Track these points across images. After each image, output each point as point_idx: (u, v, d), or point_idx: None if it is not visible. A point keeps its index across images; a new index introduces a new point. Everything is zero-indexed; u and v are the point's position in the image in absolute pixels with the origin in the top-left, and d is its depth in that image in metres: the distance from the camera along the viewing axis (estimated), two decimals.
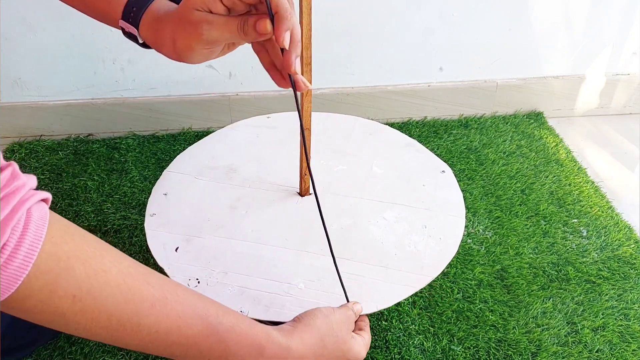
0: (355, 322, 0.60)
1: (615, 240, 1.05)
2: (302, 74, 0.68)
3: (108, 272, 0.39)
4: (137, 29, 0.53)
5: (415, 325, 0.89)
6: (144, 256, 0.99)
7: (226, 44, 0.52)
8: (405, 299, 0.89)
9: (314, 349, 0.51)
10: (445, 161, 0.94)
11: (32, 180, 0.37)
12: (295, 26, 0.47)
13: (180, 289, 0.43)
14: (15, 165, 0.36)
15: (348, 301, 0.65)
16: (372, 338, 0.86)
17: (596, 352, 0.86)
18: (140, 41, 0.55)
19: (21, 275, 0.34)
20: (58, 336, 0.86)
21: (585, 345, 0.87)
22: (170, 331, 0.41)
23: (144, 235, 0.76)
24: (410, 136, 0.95)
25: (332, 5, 1.19)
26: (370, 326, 0.88)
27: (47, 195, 0.38)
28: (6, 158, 0.76)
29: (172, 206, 0.79)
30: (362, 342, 0.56)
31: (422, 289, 0.76)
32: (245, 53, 1.24)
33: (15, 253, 0.34)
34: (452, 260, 0.74)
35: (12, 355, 0.81)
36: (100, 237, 0.84)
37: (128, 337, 0.40)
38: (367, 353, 0.84)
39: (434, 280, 0.71)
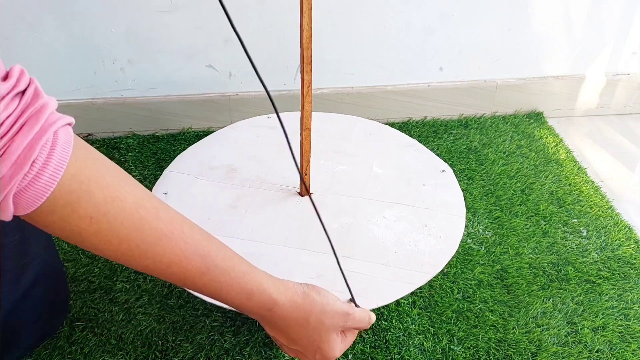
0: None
1: (615, 240, 1.05)
2: (303, 74, 0.68)
3: (124, 201, 0.41)
4: None
5: (415, 325, 0.89)
6: None
7: None
8: (405, 299, 0.89)
9: (297, 317, 0.52)
10: (445, 161, 0.94)
11: (53, 101, 0.39)
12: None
13: (186, 226, 0.46)
14: (36, 82, 0.38)
15: (352, 297, 0.65)
16: (372, 338, 0.86)
17: (596, 352, 0.86)
18: None
19: (47, 192, 0.37)
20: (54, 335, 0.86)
21: (585, 345, 0.87)
22: (172, 263, 0.44)
23: None
24: (410, 136, 0.96)
25: (333, 5, 1.19)
26: (370, 327, 0.88)
27: (71, 119, 0.41)
28: None
29: (173, 205, 0.79)
30: (341, 344, 0.56)
31: (422, 289, 0.76)
32: (245, 53, 1.24)
33: (43, 170, 0.36)
34: (452, 260, 0.74)
35: (12, 354, 0.81)
36: None
37: (134, 260, 0.43)
38: (367, 353, 0.84)
39: (434, 280, 0.71)
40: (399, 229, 0.76)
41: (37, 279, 0.79)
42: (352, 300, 0.65)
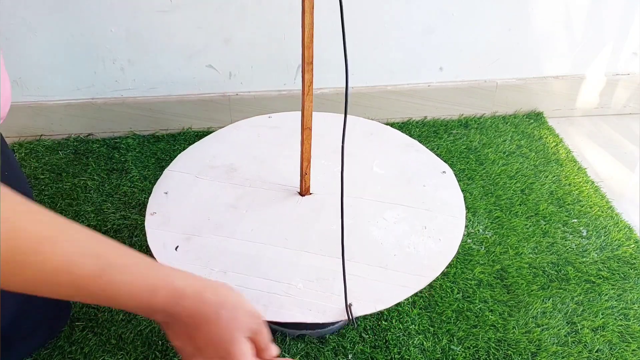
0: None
1: (615, 240, 1.05)
2: (304, 73, 0.68)
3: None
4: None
5: (415, 325, 0.89)
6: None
7: None
8: (404, 299, 0.89)
9: (207, 313, 0.45)
10: (445, 161, 0.94)
11: None
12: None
13: (73, 229, 0.40)
14: None
15: (346, 300, 0.65)
16: (372, 338, 0.86)
17: (596, 352, 0.86)
18: None
19: None
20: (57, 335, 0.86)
21: (585, 345, 0.87)
22: (58, 271, 0.38)
23: (144, 235, 0.76)
24: (410, 136, 0.95)
25: (333, 5, 1.19)
26: (369, 326, 0.88)
27: None
28: None
29: (173, 205, 0.79)
30: (251, 356, 0.47)
31: (421, 289, 0.76)
32: (245, 53, 1.24)
33: None
34: (452, 260, 0.74)
35: (14, 351, 0.81)
36: None
37: (12, 276, 0.37)
38: (367, 353, 0.84)
39: (433, 280, 0.71)
40: (399, 231, 0.76)
41: None
42: (348, 307, 0.65)
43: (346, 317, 0.65)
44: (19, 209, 0.37)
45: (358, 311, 0.65)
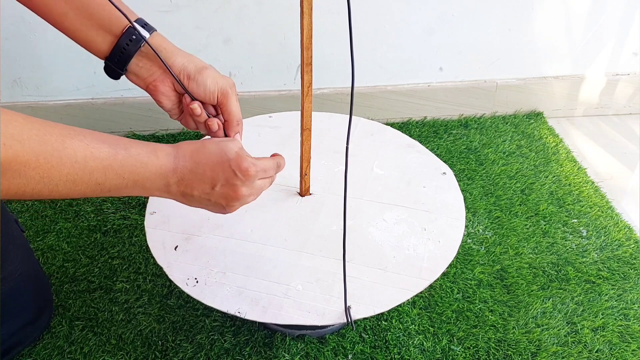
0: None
1: (615, 240, 1.05)
2: (303, 74, 0.68)
3: (18, 122, 0.43)
4: (146, 39, 0.61)
5: (415, 325, 0.89)
6: (144, 255, 0.99)
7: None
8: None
9: (200, 146, 0.56)
10: (445, 161, 0.94)
11: None
12: (240, 125, 0.65)
13: (76, 128, 0.48)
14: None
15: (346, 302, 0.65)
16: (371, 338, 0.86)
17: (596, 352, 0.86)
18: (140, 45, 0.61)
19: None
20: (40, 337, 0.86)
21: (585, 345, 0.87)
22: (86, 157, 0.47)
23: (144, 235, 0.76)
24: (410, 136, 0.95)
25: (333, 5, 1.19)
26: (369, 326, 0.88)
27: None
28: None
29: (173, 204, 0.79)
30: (251, 160, 0.58)
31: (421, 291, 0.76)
32: (245, 53, 1.24)
33: None
34: (452, 261, 0.73)
35: None
36: (100, 237, 0.85)
37: (56, 173, 0.45)
38: (367, 353, 0.84)
39: (433, 281, 0.71)
40: (399, 233, 0.76)
41: (11, 294, 0.79)
42: (347, 310, 0.65)
43: (345, 320, 0.65)
44: (31, 119, 0.44)
45: (357, 314, 0.65)
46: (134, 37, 0.60)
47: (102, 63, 0.65)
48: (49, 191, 0.46)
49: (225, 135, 0.64)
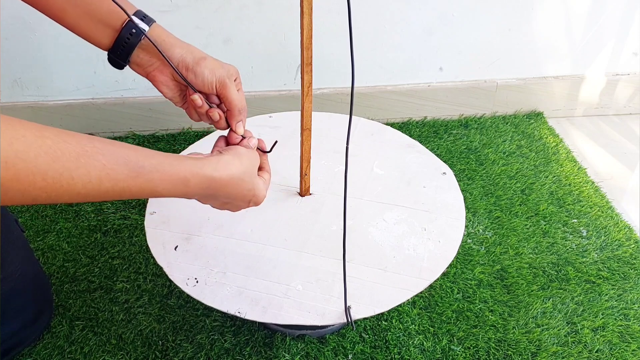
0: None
1: (615, 240, 1.05)
2: (303, 74, 0.68)
3: (26, 137, 0.40)
4: (146, 31, 0.61)
5: (415, 325, 0.89)
6: (144, 255, 0.99)
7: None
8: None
9: (234, 179, 0.56)
10: (445, 161, 0.94)
11: None
12: (243, 114, 0.64)
13: (97, 141, 0.45)
14: None
15: (346, 302, 0.65)
16: (372, 338, 0.86)
17: (596, 352, 0.86)
18: (140, 39, 0.61)
19: None
20: (40, 337, 0.86)
21: (585, 345, 0.87)
22: (101, 179, 0.44)
23: (144, 235, 0.76)
24: (410, 136, 0.95)
25: (333, 5, 1.19)
26: (369, 326, 0.88)
27: None
28: None
29: (173, 204, 0.79)
30: (264, 183, 0.62)
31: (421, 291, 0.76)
32: (245, 53, 1.24)
33: None
34: (452, 261, 0.73)
35: None
36: (100, 237, 0.85)
37: (66, 194, 0.42)
38: (367, 353, 0.84)
39: (433, 282, 0.71)
40: (398, 233, 0.76)
41: (12, 294, 0.79)
42: (347, 310, 0.65)
43: (345, 320, 0.65)
44: (45, 134, 0.42)
45: (357, 314, 0.65)
46: (134, 30, 0.60)
47: (102, 63, 0.66)
48: (54, 202, 0.44)
49: (228, 125, 0.65)
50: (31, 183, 0.40)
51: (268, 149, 0.66)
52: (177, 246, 0.73)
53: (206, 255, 0.72)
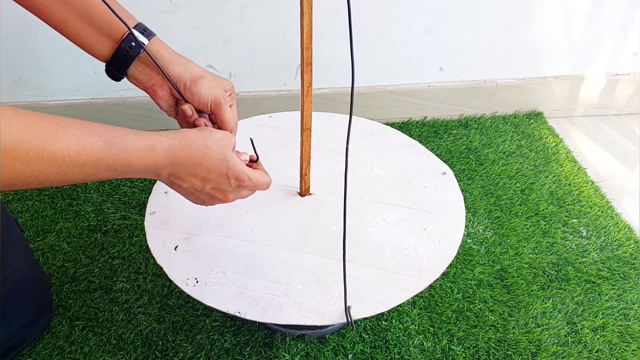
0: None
1: (615, 240, 1.05)
2: (303, 74, 0.68)
3: (7, 116, 0.42)
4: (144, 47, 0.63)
5: (415, 325, 0.89)
6: (144, 255, 0.99)
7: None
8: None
9: (197, 144, 0.56)
10: (445, 161, 0.94)
11: None
12: (233, 131, 0.67)
13: (69, 119, 0.47)
14: None
15: (346, 302, 0.65)
16: (372, 338, 0.86)
17: (596, 352, 0.86)
18: (139, 52, 0.63)
19: None
20: (40, 338, 0.86)
21: (585, 345, 0.87)
22: (79, 152, 0.46)
23: (144, 235, 0.76)
24: (410, 136, 0.95)
25: (333, 5, 1.19)
26: (369, 326, 0.88)
27: None
28: None
29: (173, 204, 0.79)
30: (258, 172, 0.64)
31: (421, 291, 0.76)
32: (245, 53, 1.24)
33: None
34: (452, 261, 0.73)
35: None
36: (100, 237, 0.85)
37: (47, 167, 0.45)
38: (367, 353, 0.84)
39: (433, 282, 0.71)
40: (398, 233, 0.76)
41: (12, 295, 0.79)
42: (347, 310, 0.65)
43: (345, 320, 0.65)
44: (22, 112, 0.44)
45: (357, 314, 0.65)
46: (133, 43, 0.61)
47: (102, 64, 0.66)
48: (38, 183, 0.46)
49: None
50: (15, 157, 0.42)
51: (255, 157, 0.68)
52: (177, 246, 0.73)
53: (206, 256, 0.72)
